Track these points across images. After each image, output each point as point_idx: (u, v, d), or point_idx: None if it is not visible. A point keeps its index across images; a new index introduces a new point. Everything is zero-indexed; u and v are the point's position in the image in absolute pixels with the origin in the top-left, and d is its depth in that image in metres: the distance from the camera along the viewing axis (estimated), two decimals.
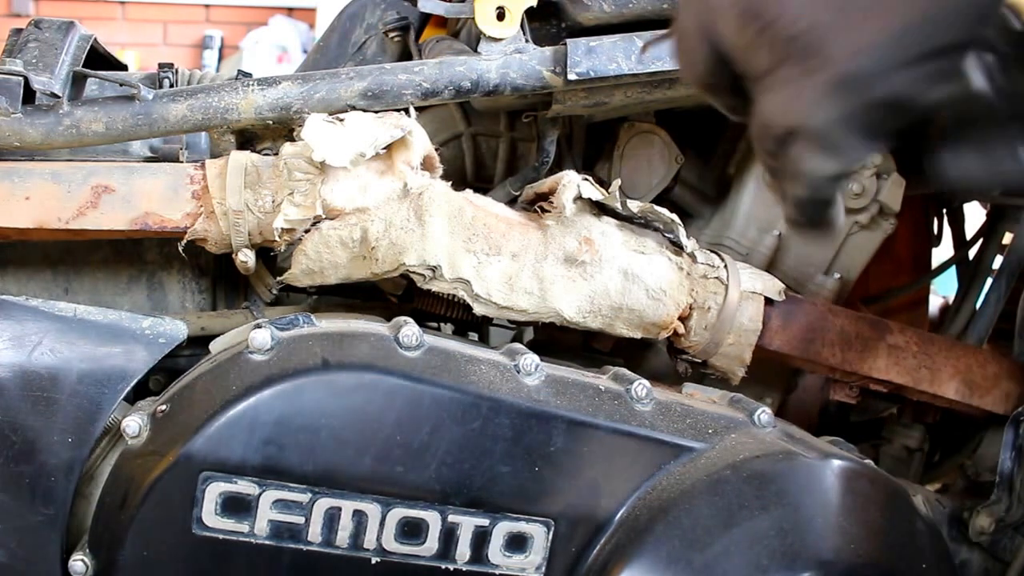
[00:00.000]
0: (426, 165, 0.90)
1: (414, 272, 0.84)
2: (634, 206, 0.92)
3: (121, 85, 0.87)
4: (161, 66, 1.00)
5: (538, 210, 0.92)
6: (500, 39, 0.91)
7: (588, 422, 0.83)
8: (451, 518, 0.81)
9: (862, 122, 0.48)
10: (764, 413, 0.91)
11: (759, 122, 0.52)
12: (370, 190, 0.87)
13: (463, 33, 1.07)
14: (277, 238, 0.87)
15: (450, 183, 0.89)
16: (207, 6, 4.85)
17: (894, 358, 1.02)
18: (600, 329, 0.92)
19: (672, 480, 0.84)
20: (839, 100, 0.47)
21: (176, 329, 0.87)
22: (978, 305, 1.41)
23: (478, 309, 0.87)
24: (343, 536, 0.80)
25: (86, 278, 0.97)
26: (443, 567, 0.82)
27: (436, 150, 0.91)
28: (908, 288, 1.49)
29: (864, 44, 0.45)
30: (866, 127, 0.49)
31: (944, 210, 1.47)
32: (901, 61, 0.46)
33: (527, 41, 0.92)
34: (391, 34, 1.10)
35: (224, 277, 1.01)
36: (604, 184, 0.92)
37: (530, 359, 0.85)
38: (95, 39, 0.97)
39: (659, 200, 1.08)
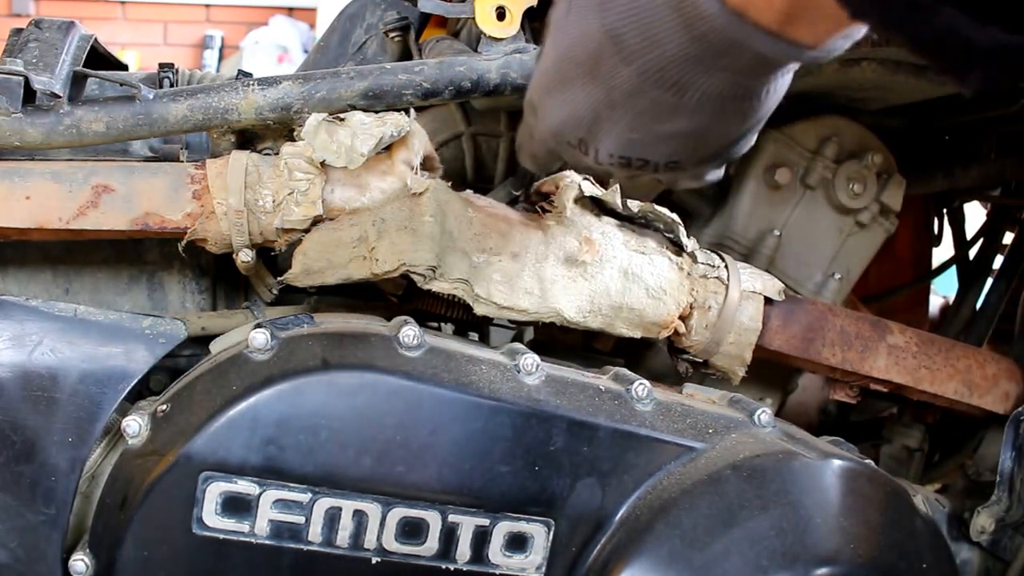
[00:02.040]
0: (426, 165, 0.90)
1: (414, 272, 0.84)
2: (634, 206, 0.92)
3: (121, 85, 0.87)
4: (161, 66, 1.00)
5: (539, 210, 0.92)
6: (500, 39, 0.91)
7: (588, 422, 0.83)
8: (451, 518, 0.81)
9: (713, 169, 0.76)
10: (764, 413, 0.91)
11: (639, 180, 0.78)
12: (370, 190, 0.87)
13: (463, 33, 1.07)
14: (277, 238, 0.87)
15: (450, 183, 0.89)
16: (207, 6, 4.85)
17: (894, 358, 1.02)
18: (600, 329, 0.92)
19: (672, 480, 0.84)
20: (700, 170, 0.74)
21: (176, 329, 0.87)
22: (978, 305, 1.41)
23: (478, 309, 0.87)
24: (343, 536, 0.80)
25: (86, 278, 0.97)
26: (443, 567, 0.82)
27: (436, 150, 0.91)
28: (908, 288, 1.49)
29: (708, 152, 0.70)
30: (715, 168, 0.76)
31: (944, 210, 1.48)
32: (731, 150, 0.72)
33: (527, 41, 0.92)
34: (391, 34, 1.10)
35: (224, 277, 1.01)
36: (604, 184, 0.92)
37: (530, 359, 0.85)
38: (95, 39, 0.97)
39: (660, 200, 1.08)
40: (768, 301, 0.96)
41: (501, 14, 0.91)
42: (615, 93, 0.65)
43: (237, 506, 0.79)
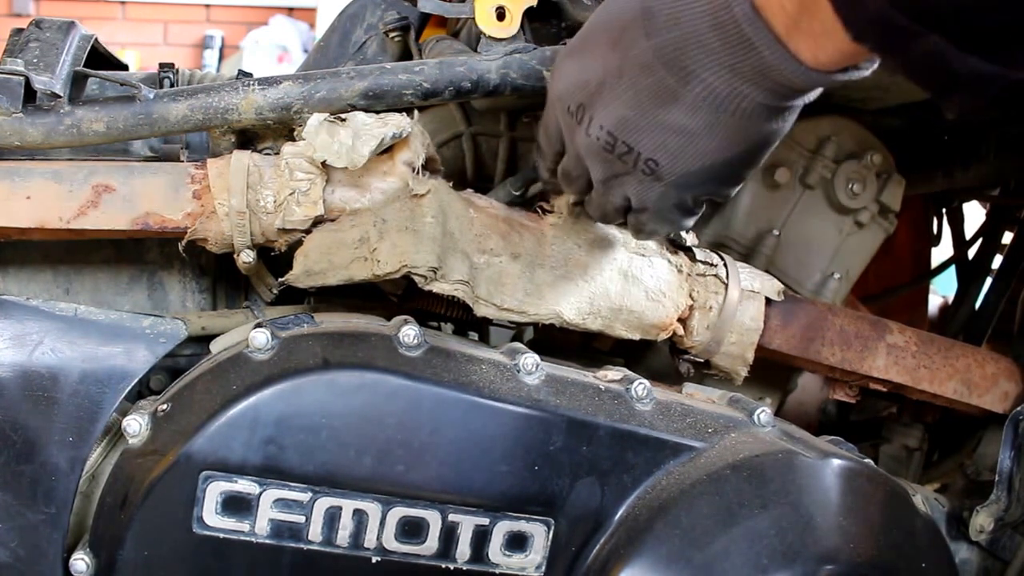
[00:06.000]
0: (428, 166, 0.90)
1: (415, 274, 0.84)
2: None
3: (122, 85, 0.87)
4: (162, 66, 1.00)
5: (539, 210, 0.92)
6: (500, 39, 0.91)
7: (588, 421, 0.83)
8: (451, 517, 0.81)
9: (684, 206, 0.76)
10: (764, 413, 0.91)
11: (609, 202, 0.79)
12: (371, 191, 0.87)
13: (463, 33, 1.07)
14: (278, 238, 0.87)
15: (450, 183, 0.89)
16: (207, 6, 4.85)
17: (893, 358, 1.02)
18: (599, 331, 0.92)
19: (672, 479, 0.84)
20: (672, 194, 0.74)
21: (176, 328, 0.87)
22: (977, 305, 1.41)
23: (479, 311, 0.87)
24: (343, 535, 0.80)
25: (87, 278, 0.97)
26: (443, 566, 0.82)
27: (436, 150, 0.91)
28: (908, 288, 1.49)
29: (689, 168, 0.71)
30: (686, 209, 0.77)
31: (944, 210, 1.48)
32: (709, 178, 0.72)
33: (527, 41, 0.92)
34: (391, 34, 1.10)
35: (225, 277, 1.01)
36: None
37: (530, 358, 0.85)
38: (96, 39, 0.97)
39: None
40: (768, 301, 0.96)
41: (501, 14, 0.91)
42: (628, 64, 0.69)
43: (237, 505, 0.79)
